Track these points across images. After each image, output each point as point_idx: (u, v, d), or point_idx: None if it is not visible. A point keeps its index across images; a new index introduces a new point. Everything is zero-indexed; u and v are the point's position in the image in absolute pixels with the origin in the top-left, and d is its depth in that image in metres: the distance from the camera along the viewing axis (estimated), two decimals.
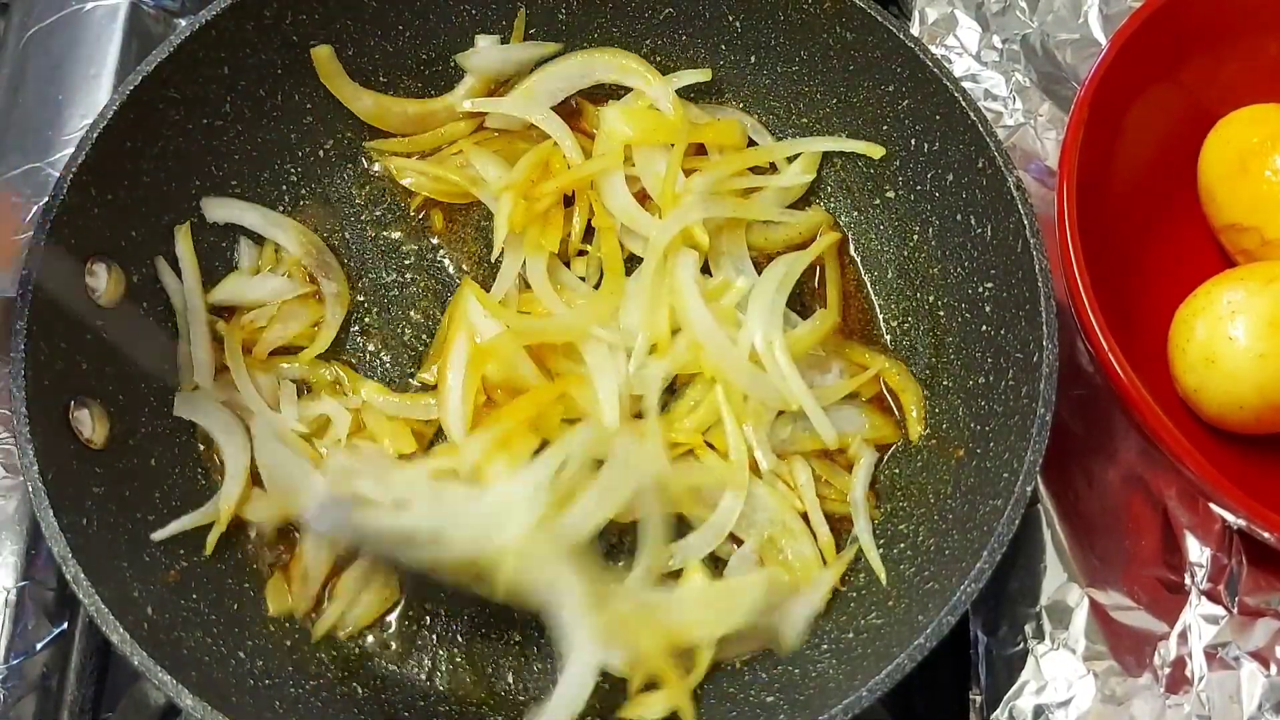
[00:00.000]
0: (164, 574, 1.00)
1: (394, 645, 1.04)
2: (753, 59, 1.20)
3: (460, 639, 1.04)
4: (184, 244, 1.10)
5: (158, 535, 1.00)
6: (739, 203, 1.14)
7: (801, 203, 1.20)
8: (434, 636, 1.05)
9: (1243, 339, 1.01)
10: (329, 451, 1.07)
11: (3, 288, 1.15)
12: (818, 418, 1.05)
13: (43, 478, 0.93)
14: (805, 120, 1.20)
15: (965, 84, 1.15)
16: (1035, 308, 0.99)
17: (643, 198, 1.15)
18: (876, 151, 1.15)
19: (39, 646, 1.07)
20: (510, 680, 1.04)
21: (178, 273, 1.10)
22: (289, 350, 1.12)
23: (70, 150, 1.02)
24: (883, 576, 1.03)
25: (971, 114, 1.04)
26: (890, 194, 1.17)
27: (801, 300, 1.15)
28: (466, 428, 1.05)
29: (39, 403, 0.95)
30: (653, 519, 1.00)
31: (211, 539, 1.03)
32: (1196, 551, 1.05)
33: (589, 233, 1.16)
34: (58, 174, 1.01)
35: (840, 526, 1.07)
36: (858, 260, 1.18)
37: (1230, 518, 1.01)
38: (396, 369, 1.13)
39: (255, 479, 1.07)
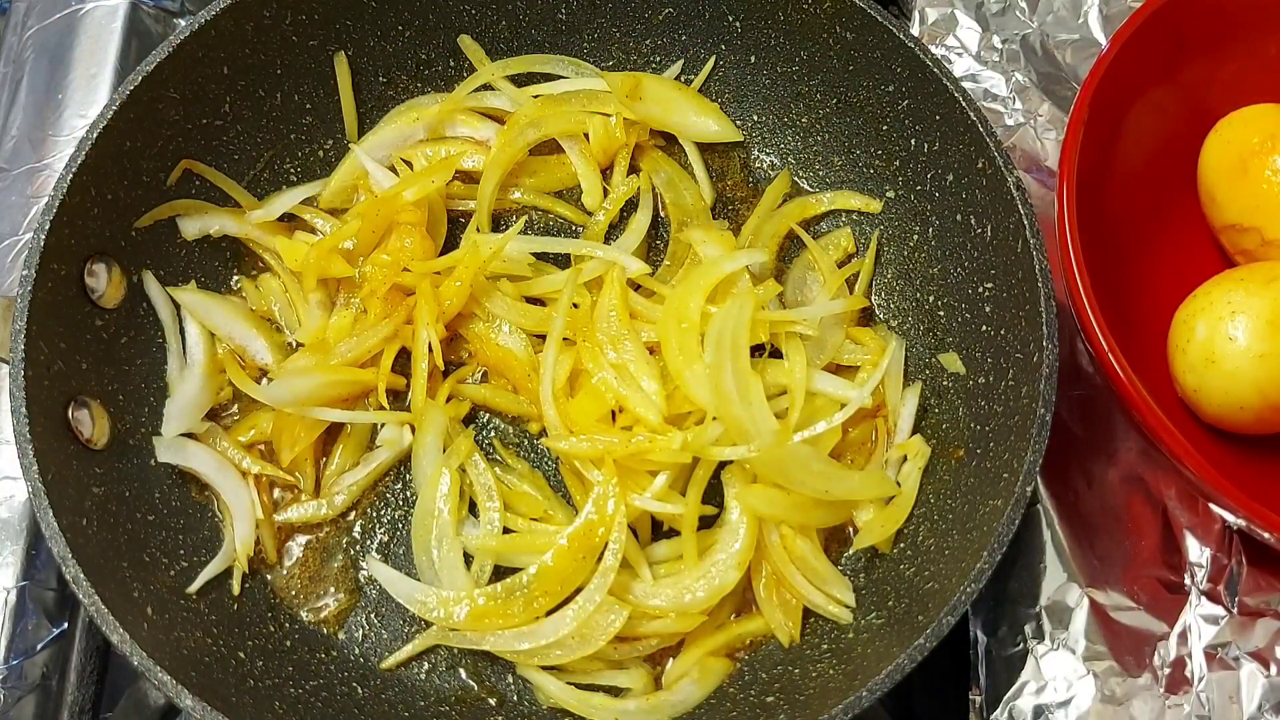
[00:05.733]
0: (164, 574, 1.00)
1: (395, 646, 1.04)
2: (753, 59, 1.20)
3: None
4: (154, 287, 1.09)
5: (192, 588, 1.01)
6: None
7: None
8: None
9: (1243, 339, 1.01)
10: None
11: (3, 288, 1.16)
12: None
13: (43, 478, 0.93)
14: (805, 120, 1.20)
15: (965, 84, 1.15)
16: (1035, 308, 0.99)
17: None
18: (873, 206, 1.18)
19: (39, 646, 1.07)
20: (510, 680, 1.04)
21: (163, 281, 1.10)
22: None
23: (70, 150, 1.02)
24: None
25: (971, 114, 1.04)
26: (890, 194, 1.17)
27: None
28: None
29: (39, 403, 0.95)
30: None
31: (235, 582, 1.03)
32: (1196, 551, 1.05)
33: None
34: (58, 174, 1.01)
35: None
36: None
37: (1230, 518, 1.01)
38: None
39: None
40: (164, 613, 0.97)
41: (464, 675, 1.04)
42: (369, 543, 1.08)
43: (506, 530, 1.05)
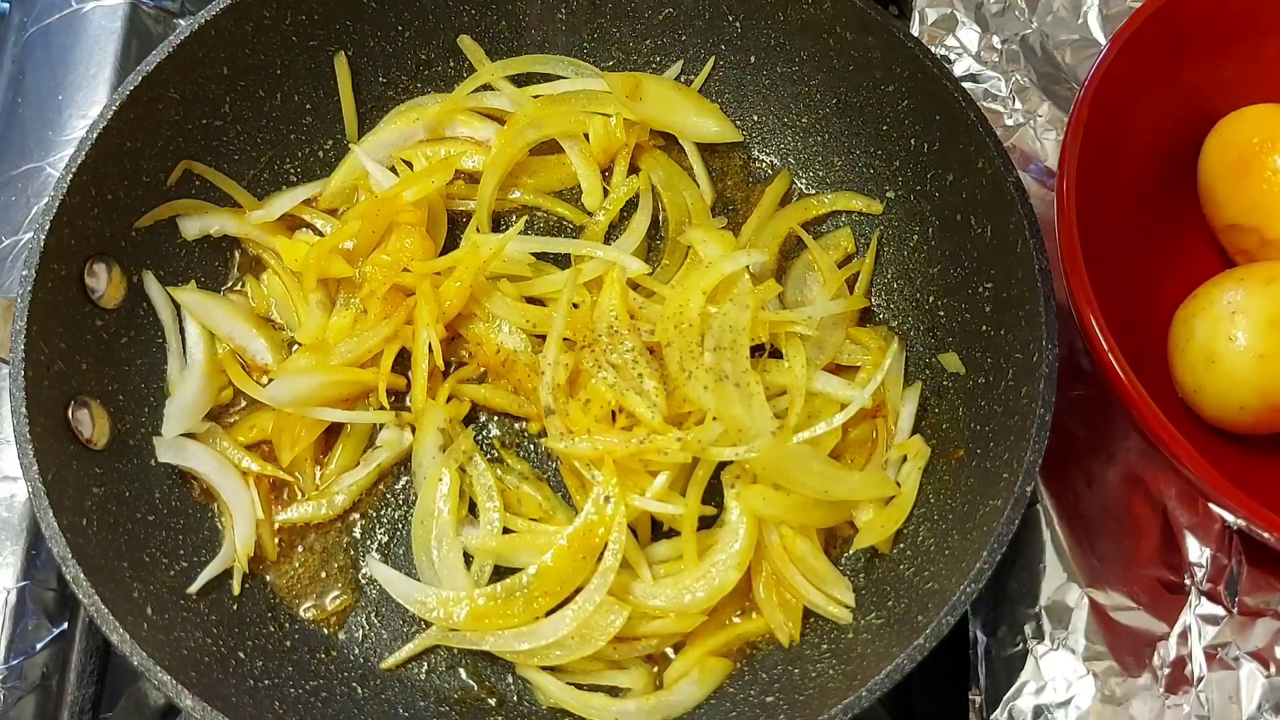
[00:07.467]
0: (164, 574, 1.00)
1: (395, 646, 1.04)
2: (753, 59, 1.20)
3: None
4: (154, 287, 1.10)
5: (192, 588, 1.01)
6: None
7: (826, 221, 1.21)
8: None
9: (1243, 339, 1.01)
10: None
11: (3, 288, 1.16)
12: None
13: (43, 478, 0.93)
14: (805, 120, 1.20)
15: (965, 84, 1.15)
16: (1035, 308, 0.99)
17: None
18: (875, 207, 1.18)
19: (39, 646, 1.07)
20: (510, 680, 1.04)
21: (163, 281, 1.10)
22: None
23: (70, 150, 1.02)
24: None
25: (971, 114, 1.04)
26: (890, 194, 1.17)
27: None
28: None
29: (39, 403, 0.95)
30: None
31: (235, 582, 1.03)
32: (1196, 551, 1.05)
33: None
34: (58, 174, 1.01)
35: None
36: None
37: (1230, 518, 1.01)
38: None
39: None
40: (164, 613, 0.97)
41: (464, 675, 1.04)
42: (369, 543, 1.08)
43: (506, 530, 1.05)
